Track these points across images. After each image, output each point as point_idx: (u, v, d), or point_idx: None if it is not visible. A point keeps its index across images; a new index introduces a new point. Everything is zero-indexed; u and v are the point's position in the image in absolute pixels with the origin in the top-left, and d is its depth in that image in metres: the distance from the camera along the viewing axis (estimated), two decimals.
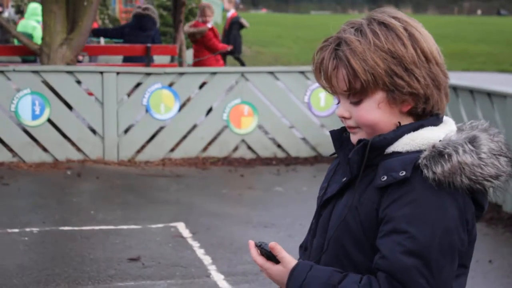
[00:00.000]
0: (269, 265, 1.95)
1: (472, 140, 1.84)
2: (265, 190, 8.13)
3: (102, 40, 16.99)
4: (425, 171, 1.82)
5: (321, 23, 42.17)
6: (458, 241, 1.84)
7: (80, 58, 11.61)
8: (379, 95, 1.88)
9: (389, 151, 1.90)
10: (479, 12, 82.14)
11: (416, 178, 1.83)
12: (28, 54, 10.57)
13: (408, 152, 1.88)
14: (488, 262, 5.82)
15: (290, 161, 9.49)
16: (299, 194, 7.92)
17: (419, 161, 1.83)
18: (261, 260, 1.96)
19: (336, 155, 2.06)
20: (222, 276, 5.51)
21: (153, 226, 6.69)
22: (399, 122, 1.91)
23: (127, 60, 10.96)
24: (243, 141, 9.58)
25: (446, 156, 1.81)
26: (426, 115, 1.92)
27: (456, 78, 10.17)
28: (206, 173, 8.89)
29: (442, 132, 1.90)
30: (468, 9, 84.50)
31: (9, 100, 8.95)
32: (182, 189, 8.06)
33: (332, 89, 1.94)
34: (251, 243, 1.99)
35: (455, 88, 8.01)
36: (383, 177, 1.85)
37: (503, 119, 7.20)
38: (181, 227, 6.67)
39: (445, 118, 1.97)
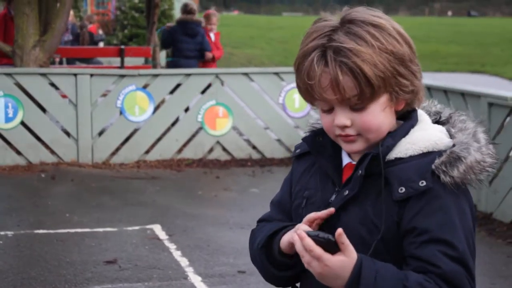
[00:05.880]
0: (328, 256, 1.72)
1: (475, 138, 1.87)
2: (241, 192, 8.12)
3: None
4: (442, 176, 1.79)
5: (293, 24, 42.32)
6: (474, 239, 1.84)
7: (57, 60, 11.51)
8: (384, 98, 1.83)
9: (391, 158, 1.85)
10: (449, 13, 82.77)
11: (436, 185, 1.80)
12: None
13: (411, 157, 1.84)
14: None
15: (265, 162, 9.50)
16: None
17: (436, 166, 1.80)
18: (320, 250, 1.71)
19: (296, 155, 2.04)
20: (199, 278, 5.49)
21: (129, 228, 6.66)
22: (398, 122, 1.89)
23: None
24: (218, 142, 9.57)
25: (462, 159, 1.80)
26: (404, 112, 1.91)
27: (430, 78, 10.24)
28: (182, 175, 8.86)
29: (435, 129, 1.89)
30: (439, 10, 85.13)
31: None
32: (158, 191, 8.04)
33: (337, 99, 1.81)
34: (302, 234, 1.72)
35: (429, 88, 8.05)
36: (401, 189, 1.80)
37: (477, 119, 7.24)
38: (157, 229, 6.64)
39: (418, 112, 1.93)
